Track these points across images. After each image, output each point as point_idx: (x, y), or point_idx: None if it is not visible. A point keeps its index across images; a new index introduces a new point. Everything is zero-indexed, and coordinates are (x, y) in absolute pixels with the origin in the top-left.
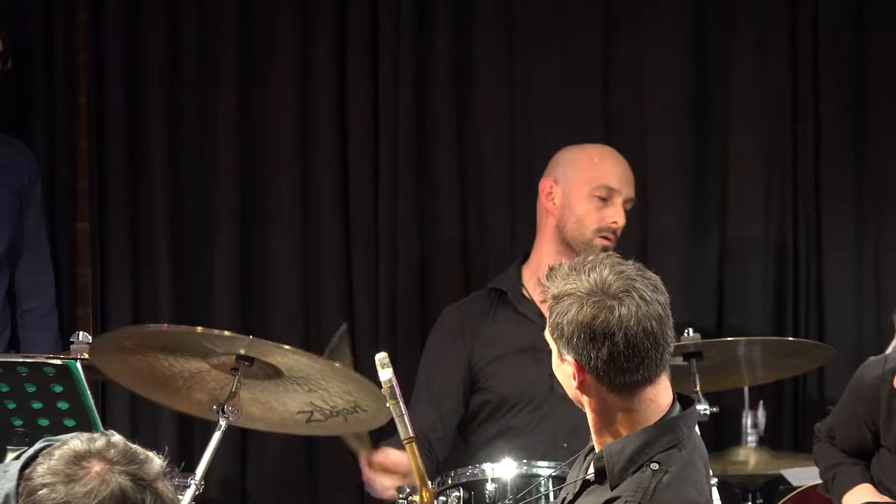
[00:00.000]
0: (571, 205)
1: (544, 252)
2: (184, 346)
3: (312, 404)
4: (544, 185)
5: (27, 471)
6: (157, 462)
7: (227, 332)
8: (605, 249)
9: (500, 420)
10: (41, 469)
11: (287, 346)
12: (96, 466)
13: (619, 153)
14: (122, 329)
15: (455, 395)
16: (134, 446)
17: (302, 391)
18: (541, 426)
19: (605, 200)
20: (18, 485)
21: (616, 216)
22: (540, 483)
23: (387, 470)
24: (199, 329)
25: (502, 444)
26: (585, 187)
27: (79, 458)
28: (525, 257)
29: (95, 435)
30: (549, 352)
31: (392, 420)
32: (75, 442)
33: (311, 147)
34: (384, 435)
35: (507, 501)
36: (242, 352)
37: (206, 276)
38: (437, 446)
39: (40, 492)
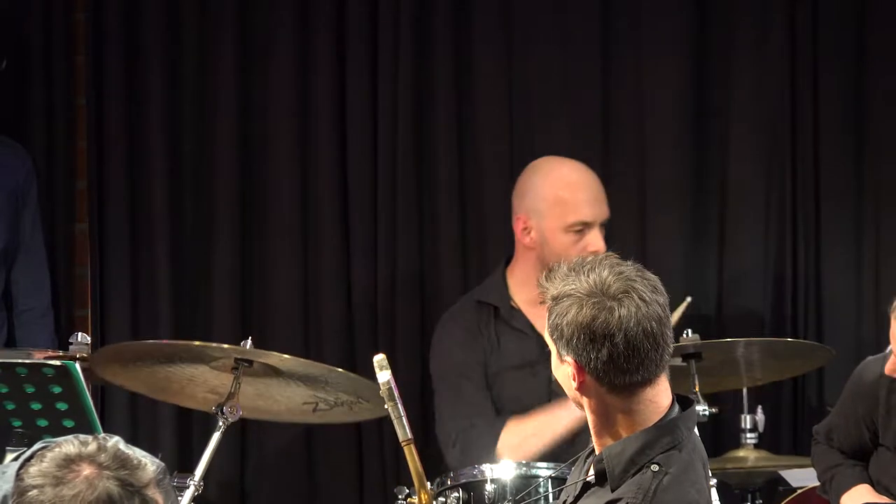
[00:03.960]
0: (549, 242)
1: (528, 272)
2: (182, 355)
3: (316, 396)
4: (518, 222)
5: (21, 471)
6: (150, 469)
7: (225, 345)
8: None
9: None
10: (33, 470)
11: (286, 356)
12: (86, 470)
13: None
14: (120, 344)
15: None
16: (128, 452)
17: (303, 386)
18: None
19: (581, 232)
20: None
21: (595, 244)
22: (539, 484)
23: None
24: (197, 343)
25: None
26: (559, 225)
27: (69, 462)
28: (507, 262)
29: (89, 438)
30: (546, 365)
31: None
32: (68, 445)
33: (311, 147)
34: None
35: (506, 502)
36: (245, 357)
37: (206, 276)
38: None
39: (30, 493)
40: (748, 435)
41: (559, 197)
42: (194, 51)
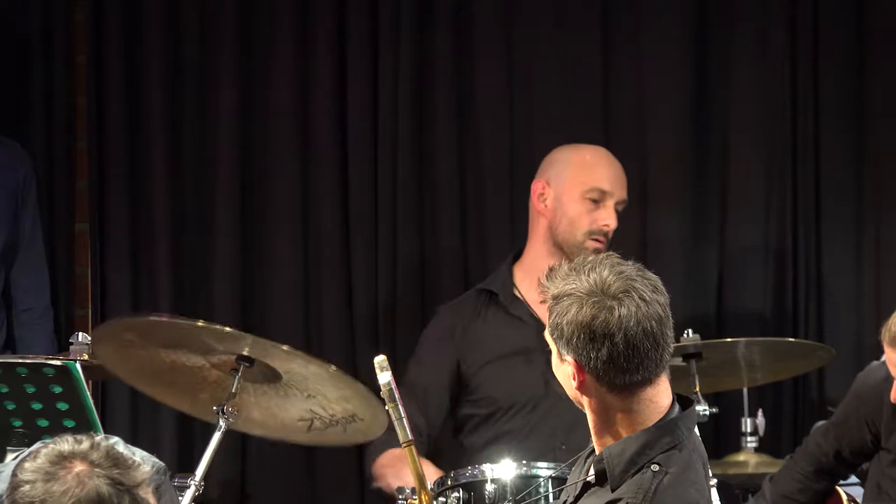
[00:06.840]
0: (563, 206)
1: (537, 253)
2: (184, 342)
3: (312, 411)
4: (536, 186)
5: (17, 468)
6: (143, 469)
7: (227, 328)
8: (596, 252)
9: (495, 425)
10: (27, 466)
11: (285, 347)
12: (77, 467)
13: (613, 154)
14: (124, 318)
15: (441, 398)
16: (123, 451)
17: (301, 396)
18: (537, 429)
19: (596, 203)
20: None
21: (608, 219)
22: (539, 484)
23: None
24: (201, 322)
25: (499, 448)
26: (577, 189)
27: (62, 458)
28: (516, 257)
29: (83, 437)
30: (543, 352)
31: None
32: (63, 443)
33: (311, 147)
34: None
35: (506, 502)
36: (246, 352)
37: (206, 276)
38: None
39: (22, 488)
40: (749, 438)
41: (583, 163)
42: (194, 51)
